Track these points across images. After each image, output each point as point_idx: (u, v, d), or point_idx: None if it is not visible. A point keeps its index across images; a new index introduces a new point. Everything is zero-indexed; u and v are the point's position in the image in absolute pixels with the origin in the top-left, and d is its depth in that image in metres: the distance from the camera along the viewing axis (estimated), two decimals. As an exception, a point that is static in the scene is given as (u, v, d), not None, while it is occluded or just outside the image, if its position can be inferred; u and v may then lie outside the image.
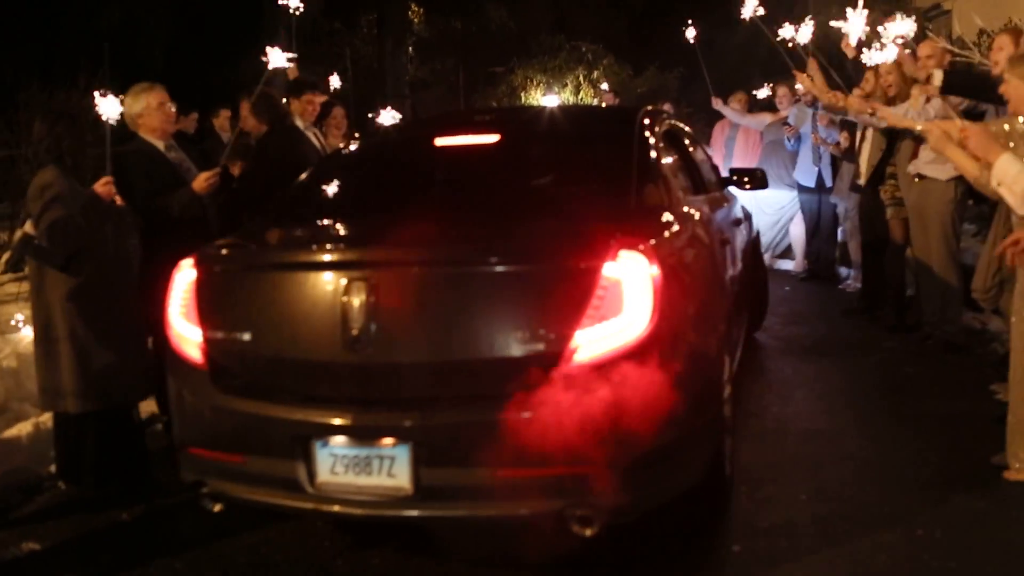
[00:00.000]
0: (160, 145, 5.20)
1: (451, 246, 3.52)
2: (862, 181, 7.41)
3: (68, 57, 10.20)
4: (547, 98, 17.99)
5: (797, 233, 9.86)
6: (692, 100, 15.15)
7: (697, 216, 4.45)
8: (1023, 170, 3.78)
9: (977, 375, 5.89)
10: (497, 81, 19.57)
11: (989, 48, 6.12)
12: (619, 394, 3.18)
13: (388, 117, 7.07)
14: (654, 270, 3.32)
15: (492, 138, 4.68)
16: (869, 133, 7.25)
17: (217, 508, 3.73)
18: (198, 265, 3.74)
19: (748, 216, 6.68)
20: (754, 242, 6.84)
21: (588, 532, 3.27)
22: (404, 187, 4.44)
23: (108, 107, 4.50)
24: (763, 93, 9.50)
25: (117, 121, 4.77)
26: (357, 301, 3.32)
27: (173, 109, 5.25)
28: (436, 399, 3.32)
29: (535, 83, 18.40)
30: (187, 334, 3.70)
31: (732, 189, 6.38)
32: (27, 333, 5.76)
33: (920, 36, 6.61)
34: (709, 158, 6.42)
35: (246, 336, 3.56)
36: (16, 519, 4.54)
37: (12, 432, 5.28)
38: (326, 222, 4.20)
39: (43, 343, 4.61)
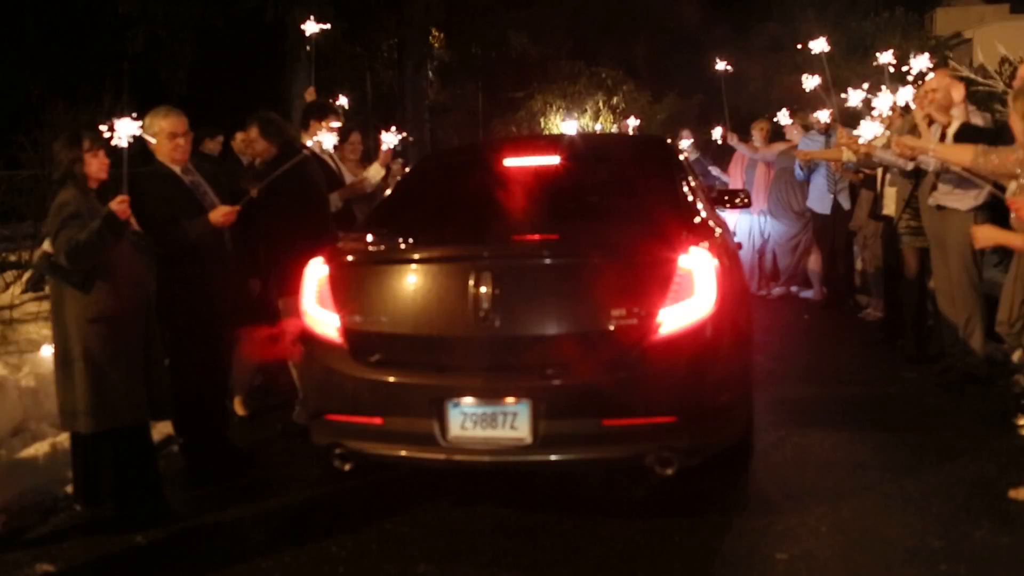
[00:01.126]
0: (177, 168, 5.22)
1: (561, 243, 4.36)
2: (890, 212, 7.34)
3: (93, 78, 10.29)
4: (566, 124, 18.07)
5: (814, 261, 9.82)
6: (712, 127, 15.17)
7: (723, 225, 5.41)
8: None
9: (1000, 407, 5.81)
10: (517, 106, 19.65)
11: (1011, 76, 6.10)
12: (693, 360, 4.07)
13: (391, 139, 7.20)
14: (716, 262, 4.18)
15: (558, 159, 5.41)
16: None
17: (347, 467, 4.41)
18: (330, 262, 4.46)
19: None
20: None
21: (668, 471, 4.10)
22: (493, 198, 4.96)
23: (123, 128, 4.49)
24: (785, 119, 9.48)
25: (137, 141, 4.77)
26: (484, 288, 4.09)
27: (184, 141, 5.20)
28: (551, 364, 4.07)
29: (555, 108, 18.47)
30: (324, 318, 4.40)
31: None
32: (46, 353, 5.79)
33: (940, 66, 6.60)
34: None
35: (383, 318, 4.30)
36: (31, 540, 4.53)
37: (29, 452, 5.31)
38: (438, 226, 4.93)
39: (61, 362, 4.63)
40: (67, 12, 14.64)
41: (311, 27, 7.29)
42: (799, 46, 6.70)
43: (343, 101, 7.64)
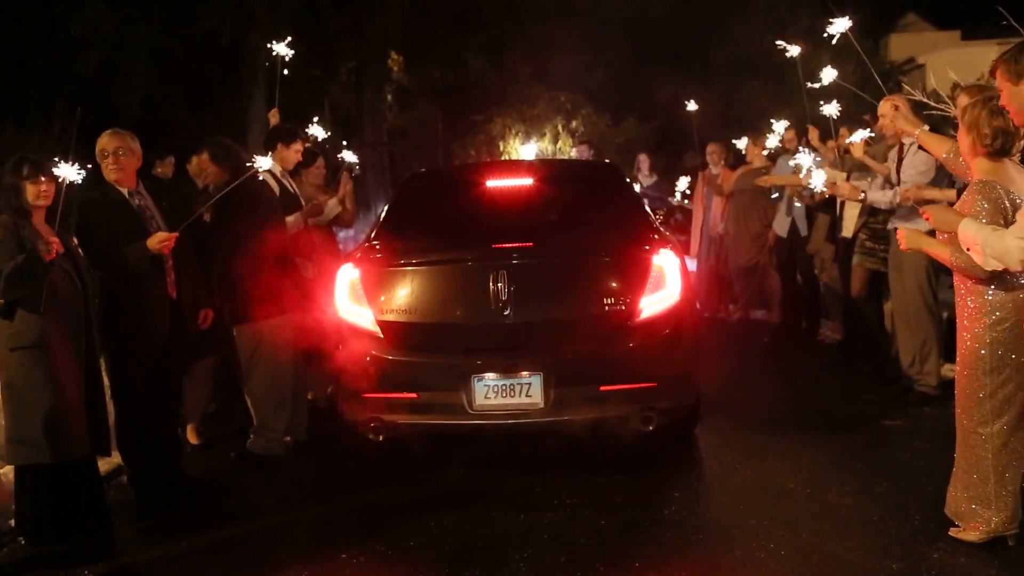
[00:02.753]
0: (124, 192, 5.11)
1: (561, 247, 5.44)
2: (848, 233, 7.39)
3: (44, 102, 10.14)
4: (526, 147, 18.08)
5: (773, 283, 9.86)
6: (669, 151, 15.27)
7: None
8: (982, 227, 3.78)
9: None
10: (476, 130, 19.66)
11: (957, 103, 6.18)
12: (667, 337, 5.18)
13: (350, 156, 7.33)
14: (678, 260, 5.34)
15: (531, 179, 6.39)
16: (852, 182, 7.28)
17: (380, 438, 5.28)
18: (360, 267, 5.35)
19: None
20: None
21: (650, 427, 5.19)
22: (487, 211, 6.03)
23: (67, 172, 4.44)
24: (742, 143, 9.52)
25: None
26: (501, 284, 5.08)
27: (114, 161, 5.06)
28: (557, 343, 5.13)
29: (514, 132, 18.50)
30: (359, 313, 5.27)
31: None
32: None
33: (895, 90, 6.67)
34: None
35: (414, 311, 5.19)
36: (-28, 575, 4.39)
37: (-29, 484, 5.13)
38: (448, 234, 5.73)
39: (-1, 391, 4.50)
40: (17, 32, 14.37)
41: (281, 48, 7.21)
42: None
43: (317, 130, 7.56)
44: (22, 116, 9.26)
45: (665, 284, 5.20)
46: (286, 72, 7.12)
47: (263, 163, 5.39)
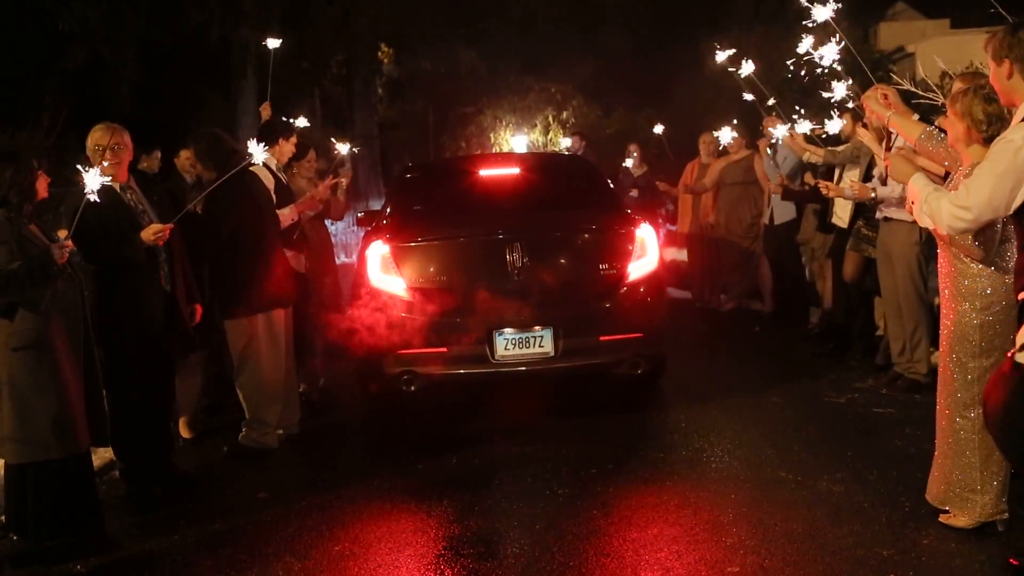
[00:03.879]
0: (116, 186, 5.09)
1: (563, 223, 6.47)
2: (844, 224, 7.38)
3: (32, 97, 10.08)
4: (516, 138, 18.06)
5: (764, 273, 9.87)
6: (659, 142, 15.21)
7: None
8: (928, 184, 3.79)
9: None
10: (467, 121, 19.64)
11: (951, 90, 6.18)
12: (649, 296, 6.24)
13: (344, 148, 7.52)
14: (654, 232, 6.46)
15: (519, 169, 7.34)
16: (847, 175, 7.29)
17: (413, 388, 6.03)
18: (389, 243, 6.14)
19: None
20: None
21: (638, 372, 6.21)
22: (490, 195, 6.90)
23: (91, 180, 4.41)
24: (726, 137, 9.48)
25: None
26: (517, 254, 6.04)
27: (114, 155, 5.04)
28: (563, 302, 6.05)
29: (504, 123, 18.48)
30: (392, 281, 6.07)
31: None
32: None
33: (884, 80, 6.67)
34: None
35: (442, 278, 6.09)
36: (-37, 571, 4.38)
37: (-38, 481, 5.12)
38: (459, 214, 6.59)
39: (-5, 389, 4.49)
40: (4, 27, 14.28)
41: (272, 43, 7.18)
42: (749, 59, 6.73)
43: (302, 121, 7.54)
44: (10, 111, 9.21)
45: (647, 253, 6.30)
46: (265, 62, 7.09)
47: (259, 156, 5.37)
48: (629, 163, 11.93)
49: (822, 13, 4.39)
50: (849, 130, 7.24)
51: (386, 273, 6.08)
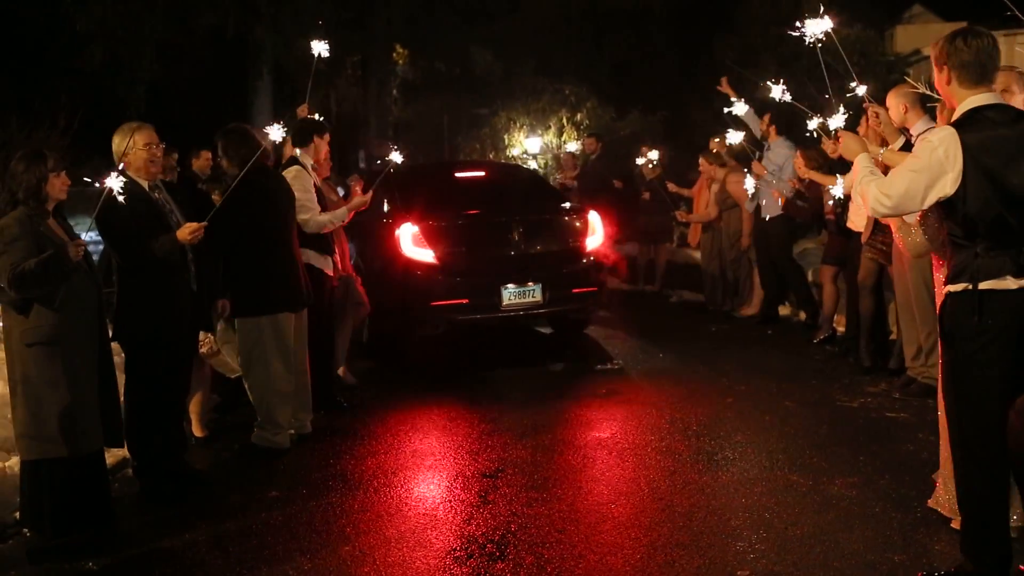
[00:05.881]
0: (144, 184, 5.13)
1: (545, 210, 8.74)
2: (856, 226, 7.33)
3: (49, 96, 10.13)
4: (530, 140, 18.03)
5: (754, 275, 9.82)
6: (675, 144, 15.17)
7: None
8: (868, 167, 3.86)
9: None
10: (481, 123, 19.63)
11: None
12: (599, 262, 8.59)
13: (396, 156, 7.51)
14: (600, 218, 8.71)
15: (483, 173, 9.43)
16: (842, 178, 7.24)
17: (440, 329, 8.05)
18: (417, 224, 7.93)
19: None
20: None
21: (589, 315, 8.94)
22: (478, 191, 9.10)
23: (113, 183, 4.47)
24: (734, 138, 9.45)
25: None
26: (516, 234, 8.16)
27: (159, 151, 5.16)
28: (548, 265, 8.15)
29: (518, 125, 18.45)
30: (423, 252, 7.90)
31: None
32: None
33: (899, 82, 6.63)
34: None
35: (461, 249, 8.06)
36: (-22, 566, 4.41)
37: (-23, 477, 5.16)
38: (464, 203, 8.54)
39: (10, 386, 4.52)
40: (22, 27, 14.38)
41: (318, 46, 7.24)
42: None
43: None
44: (27, 110, 9.26)
45: (596, 231, 8.62)
46: (313, 65, 7.10)
47: (275, 134, 5.73)
48: (642, 161, 11.89)
49: (821, 25, 4.38)
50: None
51: (417, 246, 7.90)
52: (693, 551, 4.26)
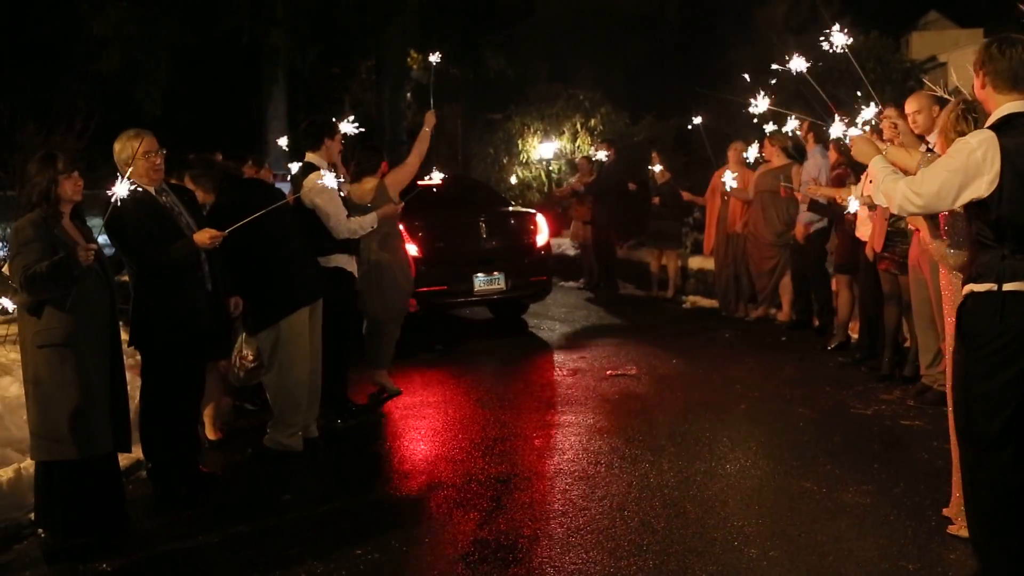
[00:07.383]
0: (151, 190, 5.15)
1: (506, 212, 10.83)
2: (864, 235, 7.31)
3: (66, 99, 10.19)
4: (544, 145, 18.03)
5: (784, 282, 9.79)
6: (689, 150, 15.15)
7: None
8: (887, 167, 3.90)
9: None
10: (495, 128, 19.65)
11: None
12: (547, 254, 10.60)
13: (437, 174, 7.83)
14: (545, 220, 10.81)
15: (440, 182, 8.95)
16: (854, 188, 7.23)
17: (421, 312, 9.20)
18: (401, 223, 7.81)
19: None
20: None
21: (543, 299, 10.84)
22: (448, 197, 10.26)
23: (120, 189, 4.46)
24: (752, 152, 9.45)
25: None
26: (485, 232, 10.07)
27: (159, 159, 5.14)
28: (510, 257, 10.01)
29: (532, 130, 18.46)
30: (412, 249, 8.60)
31: None
32: (7, 378, 5.68)
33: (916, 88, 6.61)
34: None
35: (441, 244, 9.63)
36: (-7, 567, 4.43)
37: (-7, 477, 5.18)
38: (437, 206, 9.84)
39: (25, 388, 4.55)
40: (40, 31, 14.50)
41: (433, 58, 7.28)
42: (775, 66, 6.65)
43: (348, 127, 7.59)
44: (44, 114, 9.31)
45: (543, 230, 10.43)
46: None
47: (330, 181, 5.94)
48: (659, 169, 11.92)
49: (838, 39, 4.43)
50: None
51: (409, 241, 8.78)
52: (706, 558, 4.24)
